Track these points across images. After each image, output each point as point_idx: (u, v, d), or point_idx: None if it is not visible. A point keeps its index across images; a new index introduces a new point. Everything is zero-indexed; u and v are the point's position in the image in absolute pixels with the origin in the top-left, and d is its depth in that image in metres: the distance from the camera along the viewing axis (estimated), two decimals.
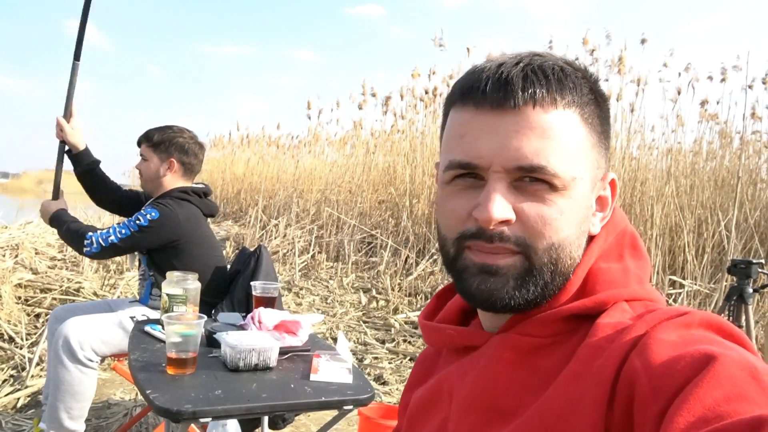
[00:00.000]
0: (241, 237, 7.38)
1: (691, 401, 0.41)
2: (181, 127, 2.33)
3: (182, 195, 2.24)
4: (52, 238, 5.68)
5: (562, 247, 0.56)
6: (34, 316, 3.84)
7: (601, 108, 0.59)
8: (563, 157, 0.55)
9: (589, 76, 0.59)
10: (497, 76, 0.55)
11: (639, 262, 0.61)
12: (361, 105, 7.73)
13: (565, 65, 0.57)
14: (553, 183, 0.54)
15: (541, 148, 0.54)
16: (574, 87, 0.56)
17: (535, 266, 0.56)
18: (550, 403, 0.51)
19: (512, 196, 0.55)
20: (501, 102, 0.54)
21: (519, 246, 0.55)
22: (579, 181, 0.56)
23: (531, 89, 0.54)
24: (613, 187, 0.61)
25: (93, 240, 2.07)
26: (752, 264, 2.49)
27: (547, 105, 0.54)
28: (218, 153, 12.47)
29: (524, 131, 0.54)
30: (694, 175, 5.43)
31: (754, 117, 5.45)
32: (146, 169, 2.27)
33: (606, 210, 0.61)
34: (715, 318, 0.51)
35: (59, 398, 1.99)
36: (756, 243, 4.60)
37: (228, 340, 1.46)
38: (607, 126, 0.60)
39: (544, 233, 0.55)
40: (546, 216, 0.55)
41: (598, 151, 0.59)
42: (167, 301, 1.75)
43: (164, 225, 2.13)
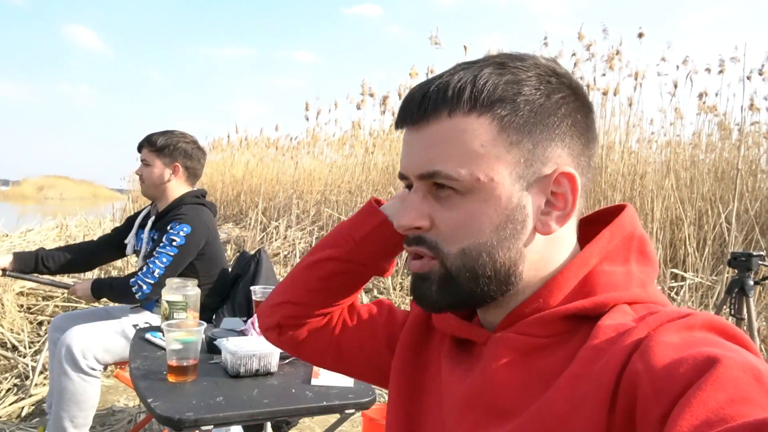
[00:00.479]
0: (241, 239, 7.39)
1: (694, 404, 0.41)
2: (183, 132, 2.33)
3: (196, 200, 2.26)
4: (53, 246, 5.69)
5: (477, 253, 0.57)
6: (36, 324, 3.85)
7: (533, 105, 0.56)
8: (460, 161, 0.56)
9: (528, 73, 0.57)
10: (407, 98, 0.60)
11: (645, 267, 0.60)
12: (360, 105, 7.73)
13: (487, 70, 0.57)
14: (455, 187, 0.56)
15: (435, 155, 0.57)
16: (480, 93, 0.56)
17: (451, 271, 0.58)
18: (550, 404, 0.51)
19: (428, 204, 0.59)
20: (408, 120, 0.60)
21: (432, 250, 0.59)
22: (489, 182, 0.56)
23: (426, 106, 0.57)
24: (571, 181, 0.58)
25: (139, 283, 2.07)
26: (752, 256, 2.48)
27: (441, 116, 0.57)
28: (217, 156, 12.47)
29: (426, 143, 0.58)
30: (694, 168, 5.42)
31: (752, 108, 5.45)
32: (149, 174, 2.25)
33: (566, 207, 0.58)
34: (718, 320, 0.50)
35: (63, 407, 1.99)
36: (757, 234, 4.59)
37: (228, 346, 1.47)
38: (548, 120, 0.57)
39: (454, 238, 0.58)
40: (454, 221, 0.57)
41: (525, 147, 0.56)
42: (167, 308, 1.75)
43: (198, 235, 2.15)
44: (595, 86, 5.82)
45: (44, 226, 6.46)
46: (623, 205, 0.63)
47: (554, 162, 0.57)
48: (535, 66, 0.58)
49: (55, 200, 27.63)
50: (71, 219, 6.89)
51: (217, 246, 2.28)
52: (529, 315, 0.58)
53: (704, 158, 5.63)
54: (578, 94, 0.60)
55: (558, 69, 0.59)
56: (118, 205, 9.23)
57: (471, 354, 0.63)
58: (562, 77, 0.59)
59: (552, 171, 0.57)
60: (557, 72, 0.59)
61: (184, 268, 2.16)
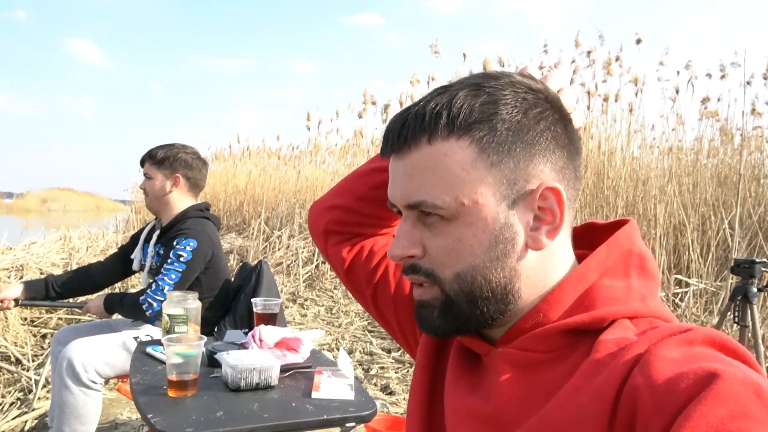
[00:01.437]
0: (244, 249, 7.39)
1: (694, 419, 0.41)
2: (183, 144, 2.35)
3: (200, 213, 2.27)
4: (56, 258, 5.70)
5: (471, 276, 0.57)
6: (40, 337, 3.85)
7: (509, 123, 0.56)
8: (444, 187, 0.56)
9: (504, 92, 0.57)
10: (387, 128, 0.61)
11: (646, 281, 0.60)
12: (361, 113, 7.76)
13: (462, 93, 0.57)
14: (441, 214, 0.57)
15: (419, 184, 0.57)
16: (456, 116, 0.56)
17: (450, 296, 0.59)
18: (550, 417, 0.51)
19: (418, 231, 0.59)
20: (391, 149, 0.60)
21: (429, 277, 0.59)
22: (474, 205, 0.56)
23: (405, 134, 0.58)
24: (556, 195, 0.57)
25: (149, 301, 2.08)
26: (756, 263, 2.47)
27: (421, 143, 0.57)
28: (220, 166, 12.51)
29: (408, 171, 0.58)
30: (697, 173, 5.41)
31: (754, 113, 5.44)
32: (151, 187, 2.27)
33: (555, 220, 0.58)
34: (719, 335, 0.50)
35: (64, 421, 1.99)
36: (761, 239, 4.57)
37: (228, 360, 1.46)
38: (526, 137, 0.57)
39: (447, 264, 0.58)
40: (444, 246, 0.58)
41: (506, 167, 0.56)
42: (168, 322, 1.75)
43: (204, 248, 2.17)
44: (596, 93, 5.83)
45: (48, 239, 6.48)
46: (626, 221, 0.63)
47: (537, 178, 0.57)
48: (510, 84, 0.58)
49: (59, 212, 27.72)
50: (74, 231, 6.91)
51: (221, 259, 2.29)
52: (530, 330, 0.58)
53: (706, 163, 5.62)
54: (556, 107, 0.60)
55: (533, 85, 0.59)
56: (121, 217, 9.27)
57: (475, 365, 0.63)
58: (538, 93, 0.59)
59: (536, 187, 0.57)
60: (533, 88, 0.59)
61: (203, 275, 2.18)
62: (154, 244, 2.28)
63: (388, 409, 2.97)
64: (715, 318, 4.07)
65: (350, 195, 0.80)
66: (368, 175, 0.80)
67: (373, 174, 0.80)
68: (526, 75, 0.61)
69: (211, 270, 2.22)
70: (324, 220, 0.82)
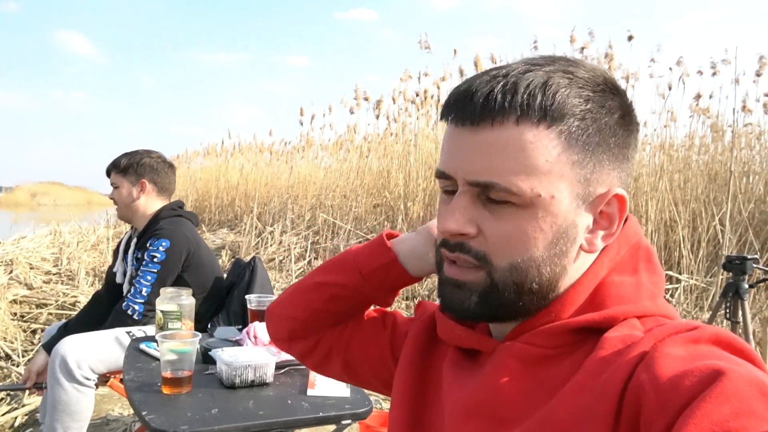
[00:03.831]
0: (236, 245, 7.37)
1: (699, 416, 0.41)
2: (148, 150, 2.35)
3: (172, 213, 2.26)
4: (46, 252, 5.66)
5: (526, 268, 0.55)
6: (30, 332, 3.82)
7: (599, 123, 0.55)
8: (522, 175, 0.53)
9: (595, 88, 0.55)
10: (465, 94, 0.55)
11: (653, 276, 0.60)
12: (353, 109, 7.73)
13: (557, 77, 0.54)
14: (512, 201, 0.54)
15: (495, 165, 0.54)
16: (552, 103, 0.53)
17: (497, 284, 0.56)
18: (554, 414, 0.50)
19: (476, 210, 0.56)
20: (464, 119, 0.55)
21: (479, 260, 0.56)
22: (549, 199, 0.54)
23: (491, 107, 0.53)
24: (621, 203, 0.57)
25: (131, 305, 2.08)
26: (747, 260, 2.49)
27: (507, 122, 0.53)
28: (212, 161, 12.44)
29: (482, 148, 0.54)
30: (688, 170, 5.44)
31: (745, 110, 5.48)
32: (119, 196, 2.28)
33: (612, 227, 0.58)
34: (725, 333, 0.50)
35: (56, 418, 1.97)
36: (750, 235, 4.61)
37: (223, 357, 1.45)
38: (610, 140, 0.56)
39: (505, 251, 0.55)
40: (506, 234, 0.55)
41: (587, 167, 0.55)
42: (162, 318, 1.74)
43: (178, 247, 2.15)
44: None
45: (38, 233, 6.43)
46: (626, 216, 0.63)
47: (609, 183, 0.57)
48: (603, 81, 0.56)
49: (49, 207, 27.52)
50: (65, 225, 6.85)
51: (202, 255, 2.26)
52: (539, 327, 0.57)
53: (698, 160, 5.65)
54: (632, 113, 0.59)
55: (617, 85, 0.58)
56: (112, 212, 9.19)
57: (475, 362, 0.63)
58: (621, 96, 0.58)
59: (605, 191, 0.57)
60: (618, 90, 0.58)
61: (175, 281, 2.15)
62: (133, 252, 2.28)
63: (382, 405, 2.97)
64: (706, 314, 4.11)
65: (305, 308, 0.78)
66: (316, 291, 0.77)
67: (321, 289, 0.76)
68: (608, 71, 0.61)
69: (192, 268, 2.20)
70: (285, 330, 0.81)
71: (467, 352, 0.65)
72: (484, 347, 0.61)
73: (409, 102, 7.08)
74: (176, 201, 2.36)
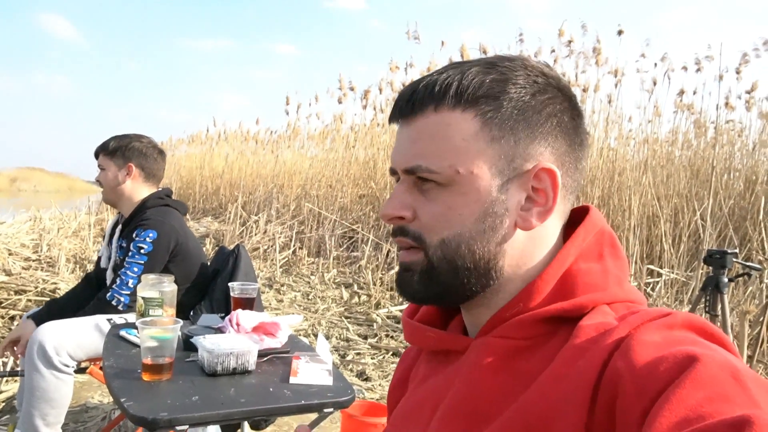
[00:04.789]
0: (220, 234, 7.31)
1: (673, 402, 0.41)
2: (138, 134, 2.30)
3: (160, 202, 2.22)
4: (26, 239, 5.57)
5: (456, 243, 0.58)
6: (8, 319, 3.77)
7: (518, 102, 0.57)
8: (441, 154, 0.58)
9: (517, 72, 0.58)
10: (399, 95, 0.62)
11: (618, 261, 0.61)
12: (341, 99, 7.70)
13: (474, 69, 0.58)
14: (436, 180, 0.58)
15: (419, 150, 0.59)
16: (465, 89, 0.57)
17: (432, 262, 0.60)
18: (531, 403, 0.51)
19: (412, 196, 0.61)
20: (398, 115, 0.62)
21: (416, 241, 0.60)
22: (469, 175, 0.57)
23: (414, 100, 0.59)
24: (552, 177, 0.58)
25: (117, 297, 2.05)
26: (727, 254, 2.53)
27: (428, 111, 0.59)
28: (196, 149, 12.32)
29: (410, 137, 0.60)
30: (671, 165, 5.50)
31: (728, 107, 5.54)
32: (104, 178, 2.24)
33: (548, 202, 0.59)
34: (698, 319, 0.51)
35: (34, 405, 1.94)
36: (730, 231, 4.68)
37: (205, 344, 1.44)
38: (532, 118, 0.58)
39: (435, 229, 0.59)
40: (434, 212, 0.59)
41: (508, 143, 0.57)
42: (143, 305, 1.72)
43: (165, 238, 2.12)
44: (576, 83, 5.87)
45: (17, 219, 6.33)
46: (587, 207, 0.64)
47: (535, 158, 0.58)
48: (523, 66, 0.59)
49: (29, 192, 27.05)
50: (45, 212, 6.75)
51: (189, 246, 2.23)
52: (510, 318, 0.57)
53: (680, 155, 5.71)
54: (566, 96, 0.61)
55: (547, 71, 0.60)
56: (94, 198, 9.07)
57: (448, 363, 0.62)
58: (550, 78, 0.60)
59: (532, 167, 0.58)
60: (545, 73, 0.60)
61: (161, 271, 2.12)
62: (117, 238, 2.24)
63: (365, 395, 2.98)
64: (686, 307, 4.17)
65: None
66: None
67: None
68: (542, 62, 0.62)
69: (179, 258, 2.17)
70: None
71: (439, 355, 0.65)
72: (458, 346, 0.61)
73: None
74: (164, 189, 2.31)
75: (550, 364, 0.52)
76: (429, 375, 0.65)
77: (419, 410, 0.63)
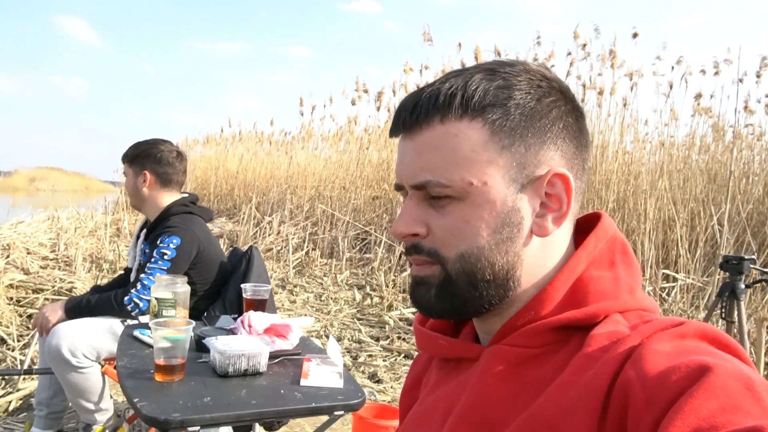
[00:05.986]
0: (234, 234, 7.36)
1: (686, 412, 0.41)
2: (158, 139, 2.32)
3: (184, 209, 2.24)
4: (44, 238, 5.65)
5: (475, 256, 0.57)
6: (26, 317, 3.82)
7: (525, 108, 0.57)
8: (452, 167, 0.56)
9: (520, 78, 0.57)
10: (399, 106, 0.60)
11: (630, 269, 0.60)
12: (355, 101, 7.71)
13: (477, 77, 0.57)
14: (449, 194, 0.57)
15: (428, 164, 0.57)
16: (471, 98, 0.56)
17: (451, 276, 0.58)
18: (541, 411, 0.50)
19: (423, 211, 0.59)
20: (401, 128, 0.60)
21: (431, 257, 0.59)
22: (482, 186, 0.56)
23: (418, 113, 0.58)
24: (565, 182, 0.58)
25: (135, 301, 2.07)
26: (744, 260, 2.49)
27: (433, 123, 0.57)
28: (211, 150, 12.41)
29: (417, 151, 0.58)
30: (687, 169, 5.44)
31: (747, 110, 5.46)
32: (127, 185, 2.30)
33: (562, 207, 0.58)
34: (710, 328, 0.50)
35: (75, 398, 2.05)
36: (748, 236, 4.61)
37: (217, 345, 1.45)
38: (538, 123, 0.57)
39: (452, 243, 0.58)
40: (451, 227, 0.58)
41: (518, 150, 0.56)
42: (156, 305, 1.74)
43: (188, 245, 2.14)
44: (592, 85, 5.83)
45: (35, 218, 6.42)
46: (599, 213, 0.64)
47: (547, 164, 0.58)
48: (524, 71, 0.58)
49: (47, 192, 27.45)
50: (63, 211, 6.84)
51: (211, 253, 2.25)
52: (522, 327, 0.57)
53: (698, 159, 5.64)
54: (568, 98, 0.60)
55: (547, 74, 0.60)
56: (110, 198, 9.18)
57: (460, 370, 0.62)
58: (552, 81, 0.59)
59: (545, 172, 0.57)
60: (547, 76, 0.59)
61: (192, 271, 2.16)
62: (142, 241, 2.28)
63: (376, 397, 2.98)
64: (702, 313, 4.11)
65: None
66: None
67: None
68: (541, 64, 0.61)
69: (200, 265, 2.20)
70: None
71: (450, 362, 0.65)
72: (469, 354, 0.61)
73: None
74: (190, 195, 2.33)
75: (561, 372, 0.52)
76: (441, 382, 0.65)
77: (430, 417, 0.63)
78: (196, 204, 2.33)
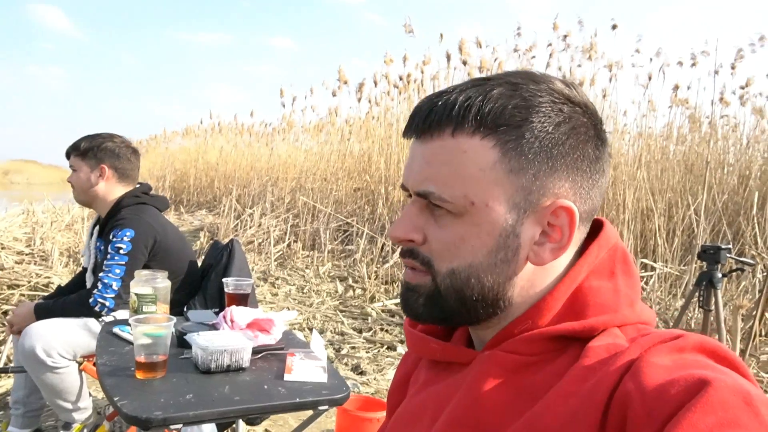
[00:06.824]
0: (215, 227, 7.29)
1: (684, 426, 0.41)
2: (111, 133, 2.25)
3: (136, 200, 2.18)
4: (19, 232, 5.53)
5: (466, 275, 0.57)
6: (1, 314, 3.74)
7: (541, 133, 0.55)
8: (456, 184, 0.55)
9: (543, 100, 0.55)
10: (415, 109, 0.59)
11: (630, 279, 0.59)
12: (336, 92, 7.66)
13: (497, 90, 0.55)
14: (449, 209, 0.56)
15: (432, 175, 0.57)
16: (486, 114, 0.54)
17: (440, 289, 0.58)
18: (539, 419, 0.50)
19: (423, 218, 0.59)
20: (414, 132, 0.59)
21: (425, 266, 0.59)
22: (484, 207, 0.55)
23: (432, 120, 0.56)
24: (570, 216, 0.56)
25: (100, 301, 2.01)
26: (721, 249, 2.54)
27: (445, 134, 0.56)
28: (190, 142, 12.25)
29: (425, 159, 0.57)
30: (665, 160, 5.52)
31: (722, 102, 5.55)
32: (77, 180, 2.19)
33: (562, 239, 0.57)
34: (709, 341, 0.51)
35: (52, 398, 1.99)
36: (724, 226, 4.70)
37: (199, 341, 1.43)
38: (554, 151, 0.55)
39: (445, 258, 0.57)
40: (445, 241, 0.57)
41: (526, 176, 0.55)
42: (136, 301, 1.71)
43: (143, 236, 2.08)
44: (571, 76, 5.87)
45: (10, 213, 6.28)
46: (601, 220, 0.63)
47: (554, 194, 0.56)
48: (549, 91, 0.56)
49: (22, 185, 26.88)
50: (38, 205, 6.70)
51: (170, 242, 2.18)
52: (518, 334, 0.57)
53: (675, 150, 5.73)
54: (592, 123, 0.58)
55: (574, 96, 0.57)
56: None
57: (451, 371, 0.62)
58: (576, 105, 0.57)
59: (550, 203, 0.56)
60: (572, 99, 0.57)
61: (152, 262, 2.10)
62: (96, 239, 2.22)
63: (359, 389, 2.98)
64: (679, 301, 4.19)
65: None
66: None
67: None
68: (569, 83, 0.58)
69: (160, 255, 2.12)
70: None
71: (439, 363, 0.65)
72: (462, 359, 0.61)
73: (392, 86, 7.04)
74: (141, 186, 2.27)
75: (557, 381, 0.52)
76: (430, 381, 0.64)
77: (419, 416, 0.62)
78: (149, 194, 2.26)
